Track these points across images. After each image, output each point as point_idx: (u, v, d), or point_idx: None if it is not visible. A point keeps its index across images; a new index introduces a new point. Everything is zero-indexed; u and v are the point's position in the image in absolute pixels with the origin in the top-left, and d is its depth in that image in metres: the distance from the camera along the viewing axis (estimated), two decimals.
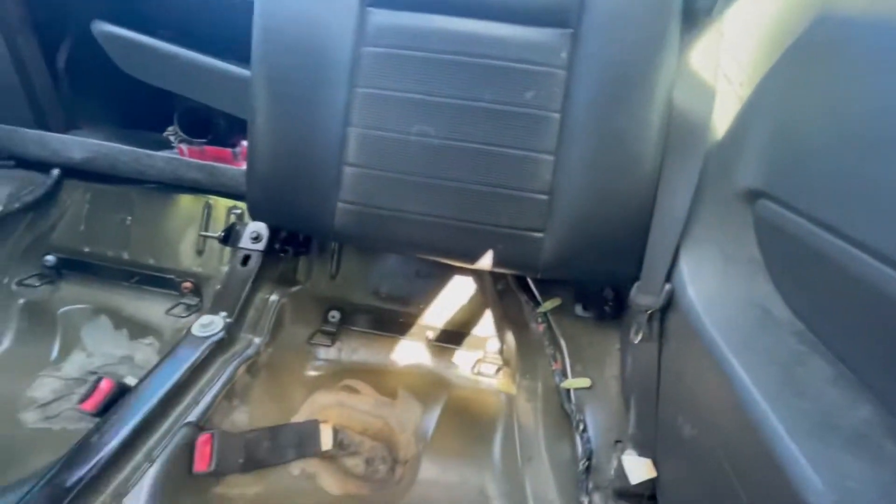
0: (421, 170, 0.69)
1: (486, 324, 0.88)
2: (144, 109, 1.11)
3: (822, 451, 0.37)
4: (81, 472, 0.51)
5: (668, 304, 0.59)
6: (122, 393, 0.63)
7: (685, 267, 0.58)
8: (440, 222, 0.70)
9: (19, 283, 0.93)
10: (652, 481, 0.61)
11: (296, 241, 0.87)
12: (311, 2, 0.68)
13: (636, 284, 0.64)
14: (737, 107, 0.61)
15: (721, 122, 0.62)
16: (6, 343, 0.88)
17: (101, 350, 0.91)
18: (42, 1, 0.92)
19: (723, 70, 0.62)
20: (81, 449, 0.54)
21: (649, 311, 0.60)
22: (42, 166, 0.95)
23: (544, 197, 0.68)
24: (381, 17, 0.68)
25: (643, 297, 0.62)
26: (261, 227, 0.83)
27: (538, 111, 0.66)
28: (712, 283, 0.55)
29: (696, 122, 0.61)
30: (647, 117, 0.63)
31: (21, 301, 0.92)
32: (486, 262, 0.73)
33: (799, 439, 0.37)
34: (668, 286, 0.58)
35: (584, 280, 0.77)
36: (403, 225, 0.71)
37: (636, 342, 0.63)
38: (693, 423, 0.52)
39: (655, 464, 0.62)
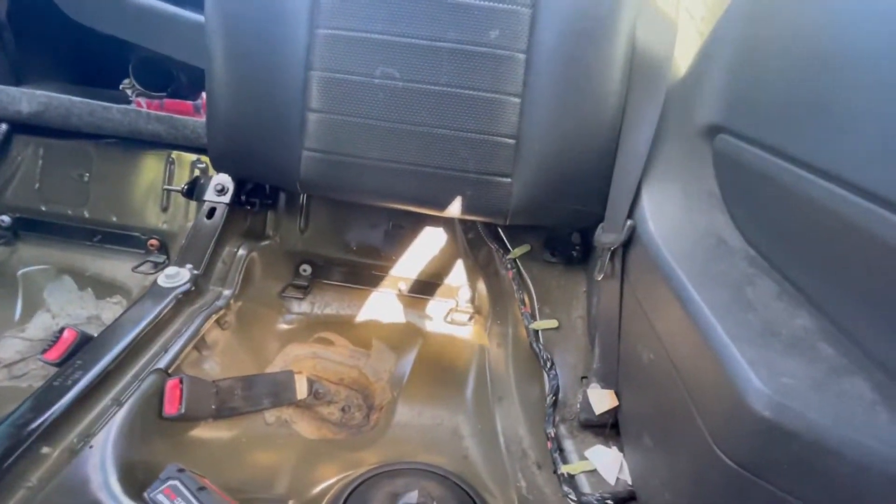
0: (386, 115, 0.68)
1: (457, 273, 0.89)
2: (97, 62, 1.05)
3: (762, 354, 0.39)
4: (46, 413, 0.51)
5: (630, 241, 0.60)
6: (85, 343, 0.62)
7: (646, 203, 0.59)
8: (407, 169, 0.70)
9: None
10: (614, 410, 0.64)
11: (262, 193, 0.86)
12: None
13: (600, 225, 0.66)
14: (698, 42, 0.62)
15: (682, 57, 0.62)
16: None
17: (67, 310, 0.89)
18: None
19: (684, 4, 0.62)
20: (45, 392, 0.54)
21: (612, 248, 0.62)
22: None
23: (511, 141, 0.68)
24: None
25: (606, 235, 0.64)
26: (226, 180, 0.81)
27: (503, 51, 0.65)
28: (672, 217, 0.57)
29: (658, 57, 0.62)
30: (611, 54, 0.63)
31: None
32: (454, 209, 0.73)
33: (742, 346, 0.39)
34: (629, 222, 0.60)
35: (552, 224, 0.78)
36: (370, 172, 0.70)
37: (599, 279, 0.64)
38: (651, 349, 0.55)
39: (617, 395, 0.65)
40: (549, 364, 0.71)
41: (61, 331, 0.63)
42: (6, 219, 0.91)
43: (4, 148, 0.90)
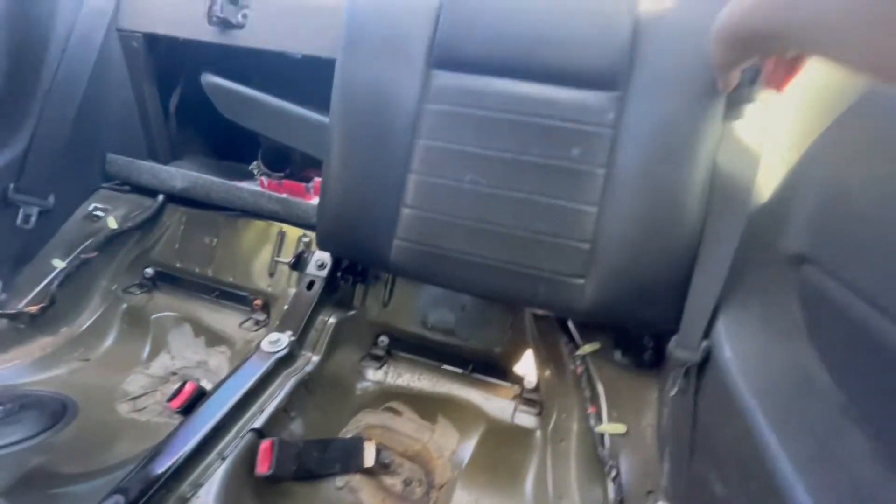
0: (471, 214, 0.75)
1: (526, 361, 0.91)
2: (233, 144, 1.27)
3: None
4: (168, 462, 0.61)
5: (706, 361, 0.60)
6: (201, 395, 0.73)
7: (723, 326, 0.59)
8: (487, 263, 0.75)
9: (124, 291, 1.09)
10: None
11: (355, 270, 0.96)
12: (383, 65, 0.78)
13: (674, 337, 0.66)
14: (783, 171, 0.62)
15: (766, 185, 0.63)
16: (110, 340, 1.03)
17: (183, 354, 1.03)
18: (163, 54, 1.10)
19: (769, 134, 0.63)
20: (168, 443, 0.64)
21: (686, 366, 0.62)
22: (149, 191, 1.12)
23: (586, 245, 0.71)
24: (444, 79, 0.76)
25: (681, 350, 0.63)
26: (325, 257, 0.93)
27: (584, 166, 0.71)
28: (751, 345, 0.56)
29: (739, 184, 0.63)
30: (691, 177, 0.66)
31: (124, 306, 1.08)
32: (528, 303, 0.77)
33: None
34: (705, 343, 0.60)
35: (624, 327, 0.79)
36: (452, 263, 0.77)
37: (672, 394, 0.64)
38: (724, 483, 0.53)
39: None
40: (614, 472, 0.69)
41: (184, 382, 0.75)
42: (150, 271, 1.10)
43: (159, 214, 1.11)
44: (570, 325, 0.85)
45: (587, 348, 0.81)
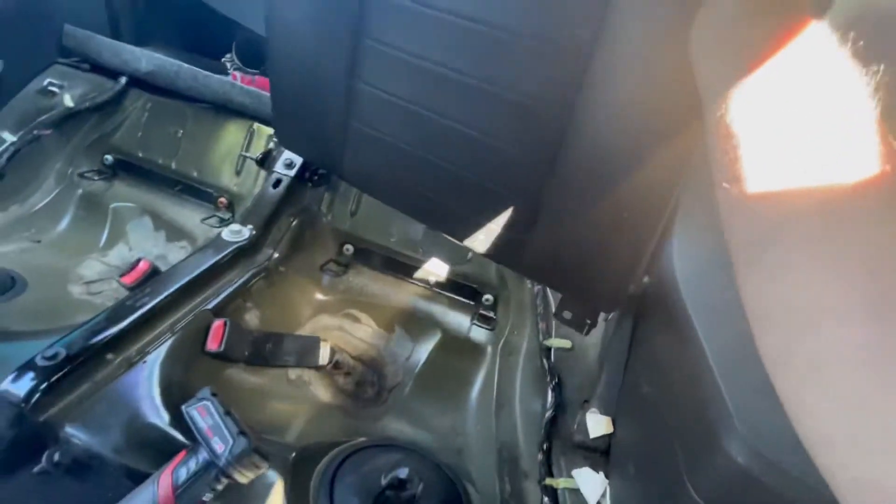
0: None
1: (486, 279, 0.93)
2: (207, 35, 1.19)
3: (751, 404, 0.40)
4: (116, 328, 0.61)
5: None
6: (155, 275, 0.72)
7: (675, 249, 0.61)
8: (431, 197, 0.65)
9: (80, 175, 1.04)
10: (608, 437, 0.66)
11: (325, 174, 0.94)
12: None
13: None
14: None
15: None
16: (63, 224, 1.00)
17: (141, 246, 1.01)
18: None
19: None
20: (116, 310, 0.63)
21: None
22: (112, 73, 1.05)
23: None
24: None
25: None
26: (294, 156, 0.90)
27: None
28: (695, 268, 0.58)
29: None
30: None
31: (80, 191, 1.03)
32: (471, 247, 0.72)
33: (733, 393, 0.41)
34: (647, 278, 0.61)
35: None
36: (400, 189, 0.68)
37: (613, 316, 0.67)
38: (650, 383, 0.57)
39: (614, 423, 0.66)
40: (554, 381, 0.73)
41: (138, 261, 0.74)
42: (109, 157, 1.05)
43: (120, 97, 1.04)
44: None
45: None
